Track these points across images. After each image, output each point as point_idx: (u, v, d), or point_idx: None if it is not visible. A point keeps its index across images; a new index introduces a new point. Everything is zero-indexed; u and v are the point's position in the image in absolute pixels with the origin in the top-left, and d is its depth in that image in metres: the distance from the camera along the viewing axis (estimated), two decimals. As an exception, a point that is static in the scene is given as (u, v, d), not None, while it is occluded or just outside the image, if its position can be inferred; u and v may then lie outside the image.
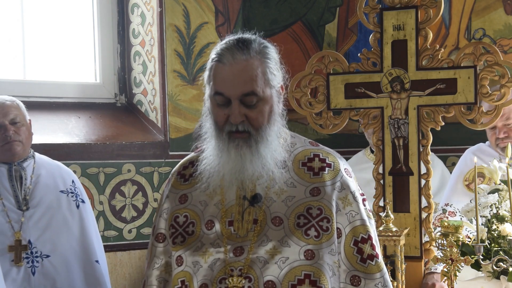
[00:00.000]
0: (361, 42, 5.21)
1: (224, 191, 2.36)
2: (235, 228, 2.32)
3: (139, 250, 4.77)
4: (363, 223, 2.33)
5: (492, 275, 3.08)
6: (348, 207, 2.33)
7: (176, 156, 4.92)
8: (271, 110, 2.31)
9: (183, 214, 2.40)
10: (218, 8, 5.13)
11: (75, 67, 5.01)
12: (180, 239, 2.38)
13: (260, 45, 2.31)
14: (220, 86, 2.28)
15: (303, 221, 2.29)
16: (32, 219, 3.54)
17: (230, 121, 2.27)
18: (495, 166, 3.28)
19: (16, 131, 3.59)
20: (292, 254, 2.25)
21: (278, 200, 2.32)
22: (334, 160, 2.39)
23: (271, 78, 2.30)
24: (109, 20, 5.05)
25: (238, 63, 2.26)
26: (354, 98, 3.41)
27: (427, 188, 3.33)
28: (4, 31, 4.74)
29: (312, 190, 2.32)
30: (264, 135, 2.29)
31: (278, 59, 2.36)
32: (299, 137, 2.47)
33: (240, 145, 2.28)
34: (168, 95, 4.89)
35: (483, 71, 3.24)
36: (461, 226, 3.10)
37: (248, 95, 2.26)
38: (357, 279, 2.29)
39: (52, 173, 3.71)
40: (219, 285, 2.27)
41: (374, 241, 2.34)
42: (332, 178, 2.34)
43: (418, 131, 3.32)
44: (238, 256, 2.28)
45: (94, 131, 4.78)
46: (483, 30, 4.81)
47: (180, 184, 2.47)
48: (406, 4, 3.33)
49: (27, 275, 3.47)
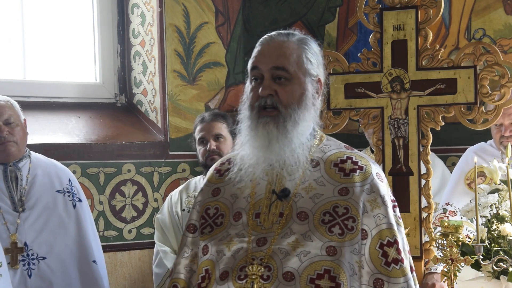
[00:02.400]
0: (361, 42, 5.20)
1: (255, 184, 2.42)
2: (261, 220, 2.37)
3: (139, 250, 4.77)
4: (390, 227, 2.34)
5: (492, 275, 3.08)
6: (376, 210, 2.34)
7: (176, 156, 4.92)
8: (303, 93, 2.38)
9: (214, 206, 2.48)
10: (218, 8, 5.13)
11: (75, 67, 5.01)
12: (209, 230, 2.45)
13: (301, 36, 2.43)
14: (256, 60, 2.40)
15: (328, 218, 2.31)
16: (28, 221, 3.52)
17: (259, 94, 2.36)
18: (495, 166, 3.28)
19: (11, 132, 3.55)
20: (314, 249, 2.28)
21: (306, 196, 2.36)
22: (367, 164, 2.41)
23: (306, 62, 2.39)
24: (109, 20, 5.05)
25: (275, 42, 2.40)
26: (354, 98, 3.41)
27: (427, 188, 3.33)
28: (4, 31, 4.74)
29: (340, 190, 2.35)
30: (292, 114, 2.35)
31: (319, 54, 2.46)
32: (335, 141, 2.53)
33: (268, 122, 2.35)
34: (168, 95, 4.89)
35: (483, 71, 3.24)
36: (461, 226, 3.10)
37: (279, 69, 2.35)
38: (380, 282, 2.29)
39: (48, 173, 3.69)
40: (239, 272, 2.30)
41: (400, 246, 2.34)
42: (362, 180, 2.37)
43: (418, 131, 3.31)
44: (260, 246, 2.32)
45: (94, 131, 4.78)
46: (483, 30, 4.80)
47: (215, 179, 2.55)
48: (406, 4, 3.33)
49: (23, 277, 3.44)
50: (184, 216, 4.19)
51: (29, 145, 3.73)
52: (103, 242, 3.90)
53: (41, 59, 4.89)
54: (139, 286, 4.77)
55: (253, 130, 2.38)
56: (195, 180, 4.38)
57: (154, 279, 4.25)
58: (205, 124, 4.19)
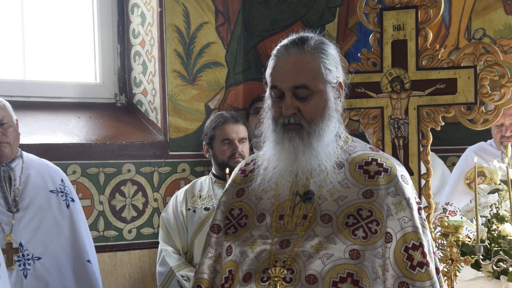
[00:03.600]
0: (361, 42, 5.21)
1: (279, 186, 2.40)
2: (284, 222, 2.36)
3: (139, 250, 4.77)
4: (415, 230, 2.31)
5: (492, 275, 3.09)
6: (401, 212, 2.31)
7: (176, 156, 4.92)
8: (326, 105, 2.35)
9: (238, 207, 2.47)
10: (218, 8, 5.13)
11: (75, 67, 5.02)
12: (232, 230, 2.44)
13: (316, 42, 2.37)
14: (274, 79, 2.35)
15: (352, 221, 2.29)
16: (22, 221, 3.52)
17: (283, 113, 2.32)
18: (495, 166, 3.28)
19: (4, 133, 3.56)
20: (337, 252, 2.26)
21: (330, 198, 2.34)
22: (392, 166, 2.39)
23: (326, 73, 2.34)
24: (109, 20, 5.05)
25: (291, 57, 2.33)
26: (354, 98, 3.41)
27: (427, 188, 3.33)
28: (4, 31, 4.74)
29: (365, 192, 2.33)
30: (316, 129, 2.33)
31: (337, 56, 2.41)
32: (360, 142, 2.50)
33: (293, 137, 2.33)
34: (168, 95, 4.89)
35: (483, 71, 3.24)
36: (461, 226, 3.10)
37: (300, 88, 2.32)
38: (405, 285, 2.27)
39: (41, 173, 3.68)
40: (262, 274, 2.29)
41: (426, 249, 2.31)
42: (387, 183, 2.34)
43: (418, 131, 3.31)
44: (284, 248, 2.31)
45: (94, 131, 4.78)
46: (483, 30, 4.80)
47: (240, 179, 2.53)
48: (406, 4, 3.33)
49: (19, 278, 3.44)
50: (189, 216, 4.20)
51: (29, 145, 3.74)
52: (103, 242, 3.90)
53: (41, 59, 4.89)
54: (139, 286, 4.77)
55: (279, 144, 2.36)
56: (201, 180, 4.39)
57: (158, 278, 4.25)
58: (231, 126, 4.22)
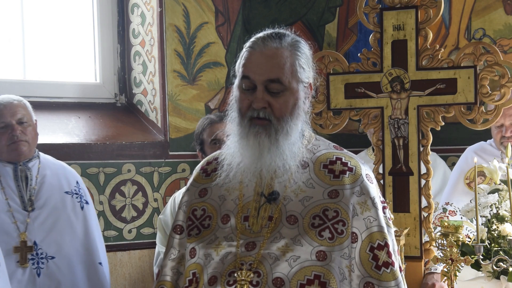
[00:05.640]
0: (361, 42, 5.21)
1: (243, 186, 2.37)
2: (249, 223, 2.33)
3: (139, 250, 4.77)
4: (380, 230, 2.30)
5: (492, 275, 3.09)
6: (367, 212, 2.30)
7: (176, 156, 4.92)
8: (296, 103, 2.33)
9: (201, 207, 2.43)
10: (218, 8, 5.13)
11: (75, 67, 5.01)
12: (196, 232, 2.40)
13: (293, 39, 2.35)
14: (248, 69, 2.32)
15: (318, 222, 2.27)
16: (37, 220, 3.54)
17: (253, 106, 2.29)
18: (495, 166, 3.28)
19: (23, 131, 3.59)
20: (304, 254, 2.24)
21: (296, 199, 2.32)
22: (356, 165, 2.37)
23: (300, 71, 2.32)
24: (109, 20, 5.05)
25: (269, 50, 2.30)
26: (354, 98, 3.42)
27: (427, 188, 3.33)
28: (4, 31, 4.74)
29: (330, 192, 2.31)
30: (285, 126, 2.30)
31: (310, 57, 2.39)
32: (324, 140, 2.47)
33: (260, 133, 2.30)
34: (168, 95, 4.89)
35: (483, 71, 3.24)
36: (461, 226, 3.10)
37: (273, 82, 2.29)
38: (371, 286, 2.26)
39: (56, 174, 3.71)
40: (228, 278, 2.26)
41: (391, 249, 2.30)
42: (352, 182, 2.32)
43: (418, 131, 3.32)
44: (249, 250, 2.28)
45: (94, 131, 4.78)
46: (483, 30, 4.81)
47: (202, 178, 2.49)
48: (406, 4, 3.33)
49: (32, 276, 3.46)
50: None
51: (29, 145, 3.74)
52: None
53: (41, 59, 4.89)
54: (139, 286, 4.77)
55: (244, 138, 2.32)
56: None
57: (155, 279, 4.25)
58: (217, 125, 4.17)
